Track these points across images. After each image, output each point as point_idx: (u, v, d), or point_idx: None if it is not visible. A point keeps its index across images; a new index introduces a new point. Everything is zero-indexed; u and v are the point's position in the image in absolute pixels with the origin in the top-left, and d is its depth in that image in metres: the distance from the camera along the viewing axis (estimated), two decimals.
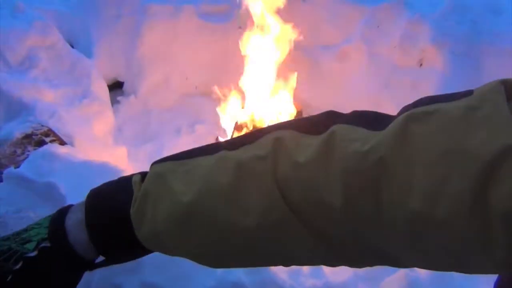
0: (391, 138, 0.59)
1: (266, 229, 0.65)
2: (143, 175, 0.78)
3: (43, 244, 0.75)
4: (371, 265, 0.71)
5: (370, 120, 0.65)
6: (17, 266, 0.73)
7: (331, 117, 0.68)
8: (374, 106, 3.40)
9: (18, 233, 0.77)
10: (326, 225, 0.62)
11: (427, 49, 3.36)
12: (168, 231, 0.69)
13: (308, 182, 0.62)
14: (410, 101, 2.67)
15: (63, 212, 0.79)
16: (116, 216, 0.74)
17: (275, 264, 0.76)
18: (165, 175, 0.70)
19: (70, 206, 0.82)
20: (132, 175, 0.79)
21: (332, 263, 0.72)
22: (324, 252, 0.66)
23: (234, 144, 0.70)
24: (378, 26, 3.39)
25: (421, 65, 3.37)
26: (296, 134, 0.66)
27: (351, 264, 0.71)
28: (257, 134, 0.69)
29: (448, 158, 0.54)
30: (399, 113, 0.65)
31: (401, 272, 1.84)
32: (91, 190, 0.79)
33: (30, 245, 0.74)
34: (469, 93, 0.60)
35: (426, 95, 2.63)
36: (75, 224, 0.76)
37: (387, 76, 3.39)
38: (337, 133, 0.64)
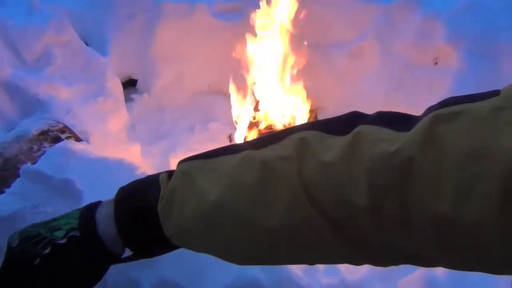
0: (418, 139, 0.59)
1: (291, 229, 0.65)
2: (170, 173, 0.79)
3: (72, 233, 0.76)
4: (396, 264, 0.71)
5: (395, 121, 0.65)
6: (46, 251, 0.75)
7: (355, 118, 0.68)
8: (387, 105, 3.38)
9: (47, 222, 0.79)
10: (351, 225, 0.62)
11: (442, 48, 3.32)
12: (194, 228, 0.70)
13: (333, 181, 0.62)
14: (425, 100, 2.64)
15: (93, 207, 0.81)
16: (144, 212, 0.75)
17: (299, 263, 0.76)
18: (192, 173, 0.71)
19: (100, 202, 0.83)
20: (159, 173, 0.80)
21: (357, 262, 0.72)
22: (348, 251, 0.66)
23: (258, 144, 0.71)
24: (392, 24, 3.37)
25: (436, 63, 3.34)
26: (321, 135, 0.66)
27: (376, 263, 0.71)
28: (281, 134, 0.69)
29: (475, 159, 0.53)
30: (424, 114, 0.65)
31: (419, 271, 1.82)
32: (120, 187, 0.81)
33: (60, 233, 0.76)
34: (495, 93, 0.59)
35: (441, 94, 2.62)
36: (104, 217, 0.78)
37: (401, 75, 3.36)
38: (363, 133, 0.64)
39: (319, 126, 0.68)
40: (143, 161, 2.87)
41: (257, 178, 0.65)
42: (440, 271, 1.86)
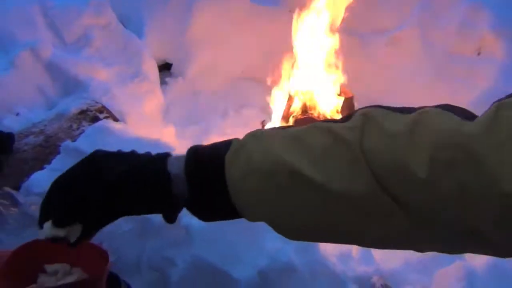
0: (483, 121, 0.61)
1: (350, 197, 0.65)
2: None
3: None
4: (459, 249, 0.69)
5: (461, 111, 0.67)
6: (124, 168, 0.81)
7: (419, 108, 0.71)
8: (425, 94, 3.28)
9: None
10: (408, 194, 0.62)
11: (486, 37, 3.20)
12: (255, 177, 0.70)
13: (394, 151, 0.63)
14: (466, 91, 2.56)
15: (166, 155, 0.84)
16: (212, 159, 0.76)
17: (357, 242, 0.75)
18: (262, 135, 0.73)
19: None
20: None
21: (416, 244, 0.71)
22: (407, 227, 0.65)
23: (325, 121, 0.76)
24: (434, 12, 3.26)
25: (479, 53, 3.22)
26: (386, 111, 0.69)
27: (433, 246, 0.70)
28: (346, 116, 0.72)
29: None
30: (490, 106, 0.66)
31: (457, 263, 1.78)
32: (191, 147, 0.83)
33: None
34: None
35: (483, 86, 2.52)
36: (174, 163, 0.80)
37: (441, 64, 3.25)
38: (429, 112, 0.66)
39: (384, 106, 0.70)
40: (177, 142, 2.90)
41: (323, 142, 0.67)
42: (479, 263, 1.81)
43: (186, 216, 1.73)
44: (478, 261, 1.92)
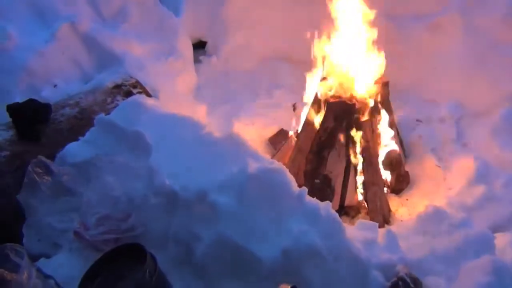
0: None
1: None
2: None
3: None
4: None
5: None
6: None
7: None
8: (465, 83, 3.16)
9: None
10: None
11: None
12: None
13: None
14: (508, 81, 2.43)
15: None
16: None
17: None
18: None
19: None
20: None
21: None
22: None
23: None
24: None
25: None
26: None
27: None
28: None
29: None
30: None
31: (486, 257, 1.73)
32: None
33: None
34: None
35: None
36: None
37: (483, 52, 3.11)
38: None
39: None
40: (208, 121, 2.92)
41: None
42: (510, 258, 1.76)
43: (212, 193, 1.76)
44: (509, 256, 1.86)
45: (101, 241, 1.83)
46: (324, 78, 2.62)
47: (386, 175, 2.71)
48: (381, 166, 2.64)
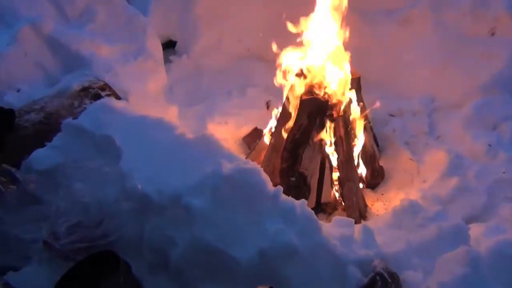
0: None
1: None
2: None
3: None
4: None
5: None
6: None
7: None
8: (437, 76, 3.23)
9: None
10: None
11: (500, 18, 3.13)
12: None
13: None
14: (477, 72, 2.51)
15: None
16: None
17: None
18: None
19: None
20: None
21: None
22: None
23: None
24: None
25: (492, 34, 3.16)
26: None
27: None
28: None
29: None
30: None
31: (461, 248, 1.78)
32: None
33: None
34: None
35: (497, 68, 2.45)
36: None
37: (453, 46, 3.20)
38: None
39: None
40: (180, 122, 2.89)
41: None
42: (484, 248, 1.81)
43: (186, 196, 1.75)
44: (483, 246, 1.92)
45: (73, 250, 1.80)
46: (296, 75, 2.64)
47: (361, 170, 2.75)
48: (357, 161, 2.68)
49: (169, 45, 3.65)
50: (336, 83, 2.59)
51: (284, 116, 2.63)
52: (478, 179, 2.63)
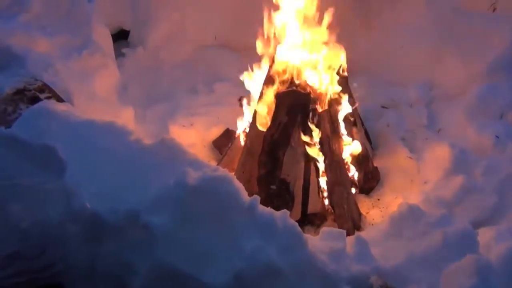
0: None
1: None
2: None
3: None
4: None
5: None
6: None
7: None
8: (434, 60, 3.29)
9: None
10: None
11: None
12: None
13: None
14: (481, 54, 2.56)
15: None
16: None
17: None
18: None
19: None
20: None
21: None
22: None
23: None
24: None
25: (494, 10, 3.24)
26: None
27: None
28: None
29: None
30: None
31: (469, 257, 1.80)
32: None
33: None
34: None
35: (499, 47, 2.50)
36: None
37: (450, 23, 3.27)
38: None
39: None
40: (137, 126, 2.87)
41: None
42: (495, 256, 1.84)
43: (145, 213, 1.74)
44: (494, 253, 1.95)
45: (12, 284, 1.76)
46: (272, 67, 2.64)
47: (353, 173, 2.77)
48: (347, 163, 2.70)
49: (120, 36, 3.63)
50: (319, 73, 2.61)
51: (259, 116, 2.63)
52: (486, 177, 2.68)
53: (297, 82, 2.57)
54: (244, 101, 2.90)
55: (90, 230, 1.78)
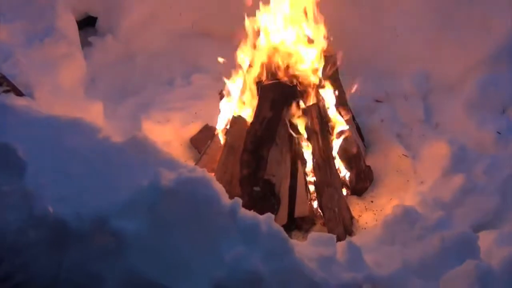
0: None
1: None
2: None
3: None
4: None
5: None
6: None
7: None
8: (430, 48, 3.30)
9: None
10: None
11: None
12: None
13: None
14: (481, 42, 2.57)
15: None
16: None
17: None
18: None
19: None
20: None
21: None
22: None
23: None
24: None
25: None
26: None
27: None
28: None
29: None
30: None
31: (469, 263, 1.82)
32: None
33: None
34: None
35: (501, 34, 2.51)
36: None
37: (449, 8, 3.29)
38: None
39: None
40: (106, 123, 2.86)
41: None
42: (496, 261, 1.86)
43: (115, 218, 1.73)
44: (496, 259, 1.97)
45: None
46: (255, 56, 2.64)
47: (344, 172, 2.78)
48: (337, 162, 2.71)
49: (87, 23, 3.62)
50: (306, 63, 2.62)
51: (241, 111, 2.63)
52: (488, 176, 2.71)
53: (282, 72, 2.57)
54: (225, 95, 2.90)
55: (53, 237, 1.76)
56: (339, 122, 2.73)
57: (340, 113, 2.76)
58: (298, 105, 2.52)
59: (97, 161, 1.97)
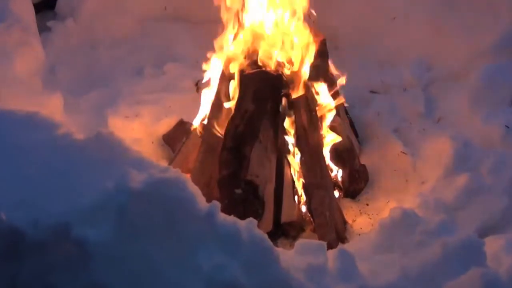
0: None
1: None
2: None
3: None
4: None
5: None
6: None
7: None
8: (432, 35, 3.33)
9: None
10: None
11: None
12: None
13: None
14: (486, 29, 2.61)
15: None
16: None
17: None
18: None
19: None
20: None
21: None
22: None
23: None
24: None
25: None
26: None
27: None
28: None
29: None
30: None
31: (474, 271, 1.84)
32: None
33: None
34: None
35: (504, 21, 2.54)
36: None
37: None
38: None
39: None
40: (67, 118, 2.84)
41: None
42: (505, 268, 1.88)
43: (77, 225, 1.72)
44: (503, 266, 1.99)
45: None
46: (236, 43, 2.65)
47: (336, 172, 2.79)
48: (328, 161, 2.73)
49: (45, 5, 3.61)
50: (293, 50, 2.63)
51: (220, 102, 2.63)
52: (495, 175, 2.74)
53: (265, 60, 2.58)
54: (202, 86, 2.90)
55: (7, 247, 1.75)
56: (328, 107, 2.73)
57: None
58: (284, 97, 2.52)
59: (56, 161, 1.96)
